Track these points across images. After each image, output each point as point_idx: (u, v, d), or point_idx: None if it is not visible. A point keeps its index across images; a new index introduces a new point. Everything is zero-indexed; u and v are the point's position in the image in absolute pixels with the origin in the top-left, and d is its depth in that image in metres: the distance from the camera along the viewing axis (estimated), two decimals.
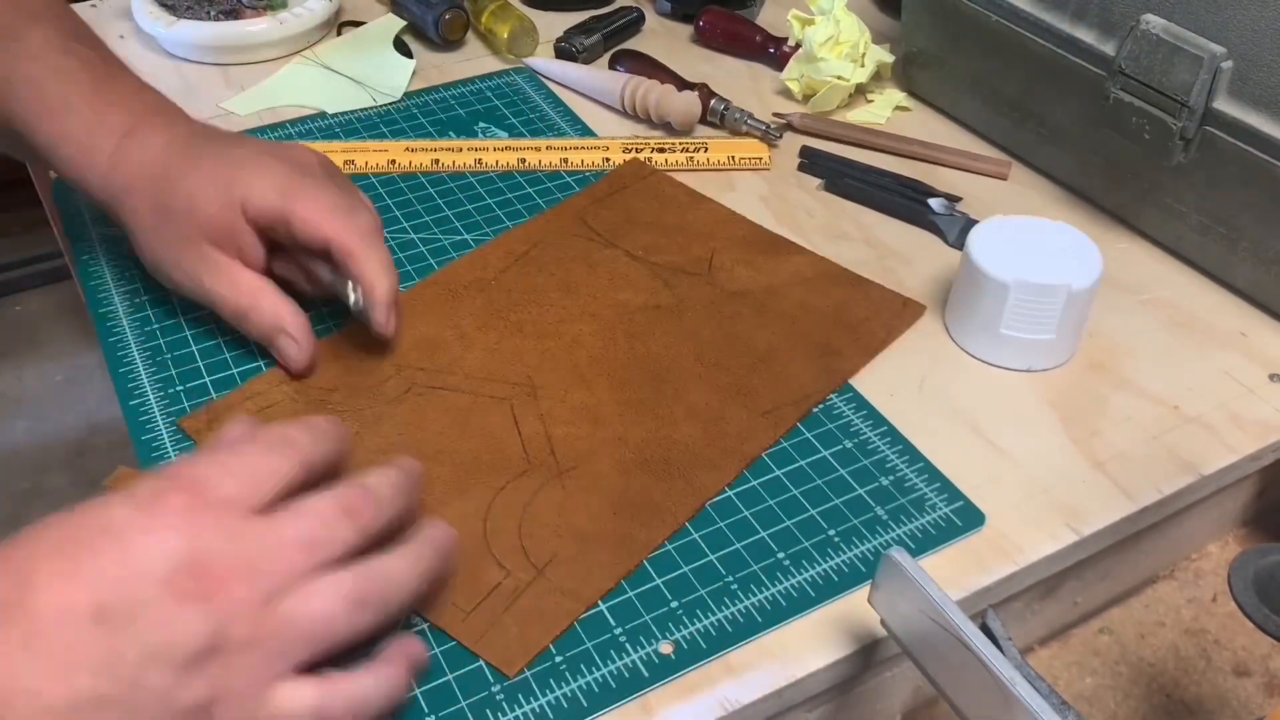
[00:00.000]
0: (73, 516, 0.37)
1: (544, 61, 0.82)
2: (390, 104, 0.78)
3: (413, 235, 0.66)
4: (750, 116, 0.75)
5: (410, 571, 0.40)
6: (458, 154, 0.71)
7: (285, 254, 0.57)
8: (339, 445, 0.42)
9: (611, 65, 0.82)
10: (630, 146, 0.73)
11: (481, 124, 0.76)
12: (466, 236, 0.66)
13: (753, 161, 0.73)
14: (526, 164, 0.71)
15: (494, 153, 0.72)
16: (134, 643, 0.34)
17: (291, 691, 0.37)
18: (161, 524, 0.36)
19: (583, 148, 0.72)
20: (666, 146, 0.73)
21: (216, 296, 0.55)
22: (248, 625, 0.36)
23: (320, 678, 0.38)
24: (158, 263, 0.57)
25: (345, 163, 0.70)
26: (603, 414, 0.53)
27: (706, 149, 0.73)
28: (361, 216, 0.54)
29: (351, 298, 0.54)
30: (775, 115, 0.77)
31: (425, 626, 0.45)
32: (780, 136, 0.74)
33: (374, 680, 0.39)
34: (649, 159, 0.72)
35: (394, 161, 0.71)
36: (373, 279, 0.53)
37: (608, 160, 0.72)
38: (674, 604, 0.46)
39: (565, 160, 0.72)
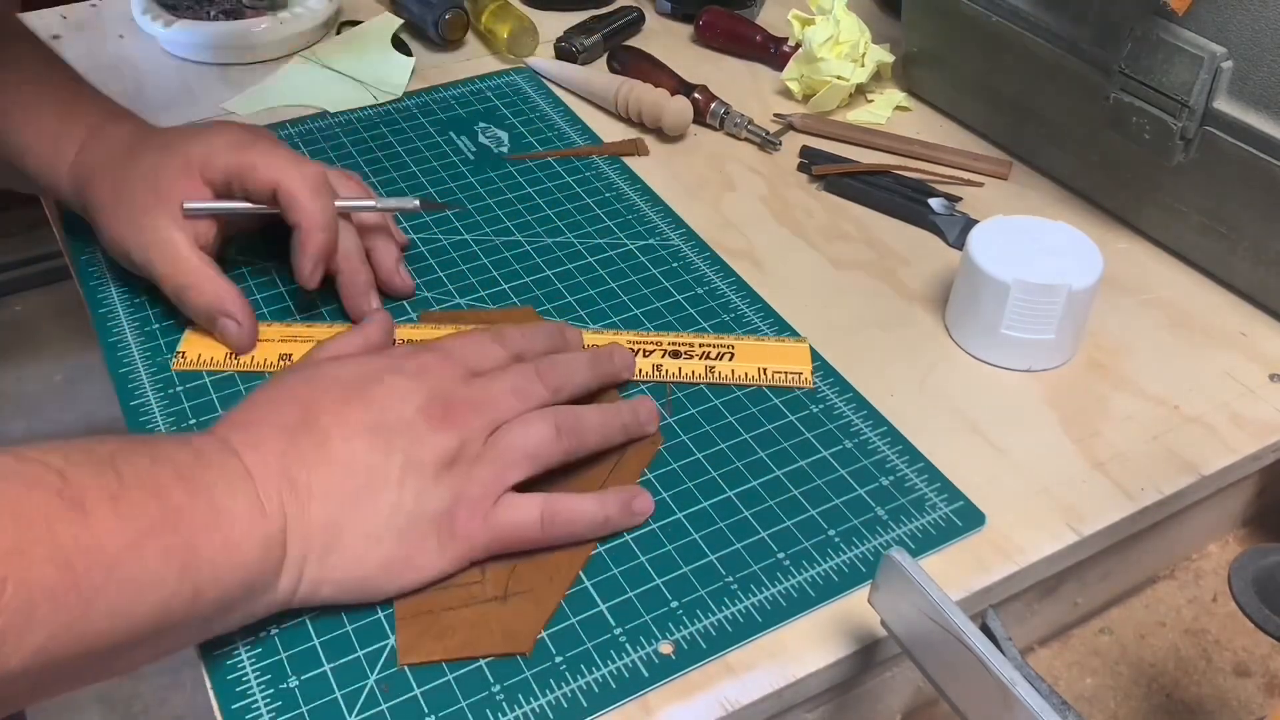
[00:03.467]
0: (341, 365, 0.48)
1: (544, 61, 0.82)
2: (390, 103, 0.78)
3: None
4: (750, 122, 0.75)
5: (598, 416, 0.51)
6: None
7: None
8: (546, 340, 0.54)
9: (610, 62, 0.82)
10: (637, 346, 0.58)
11: (481, 124, 0.76)
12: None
13: (791, 378, 0.56)
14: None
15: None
16: (399, 451, 0.45)
17: (519, 499, 0.47)
18: (414, 371, 0.48)
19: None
20: (683, 349, 0.57)
21: (158, 271, 0.57)
22: (479, 445, 0.47)
23: (543, 494, 0.47)
24: (114, 240, 0.58)
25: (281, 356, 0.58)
26: None
27: (733, 355, 0.57)
28: (309, 168, 0.57)
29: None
30: (776, 116, 0.77)
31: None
32: (779, 145, 0.74)
33: (591, 503, 0.48)
34: (658, 365, 0.57)
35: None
36: (309, 227, 0.56)
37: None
38: (674, 604, 0.46)
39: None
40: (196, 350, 0.57)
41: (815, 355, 0.58)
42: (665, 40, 0.87)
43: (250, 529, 0.41)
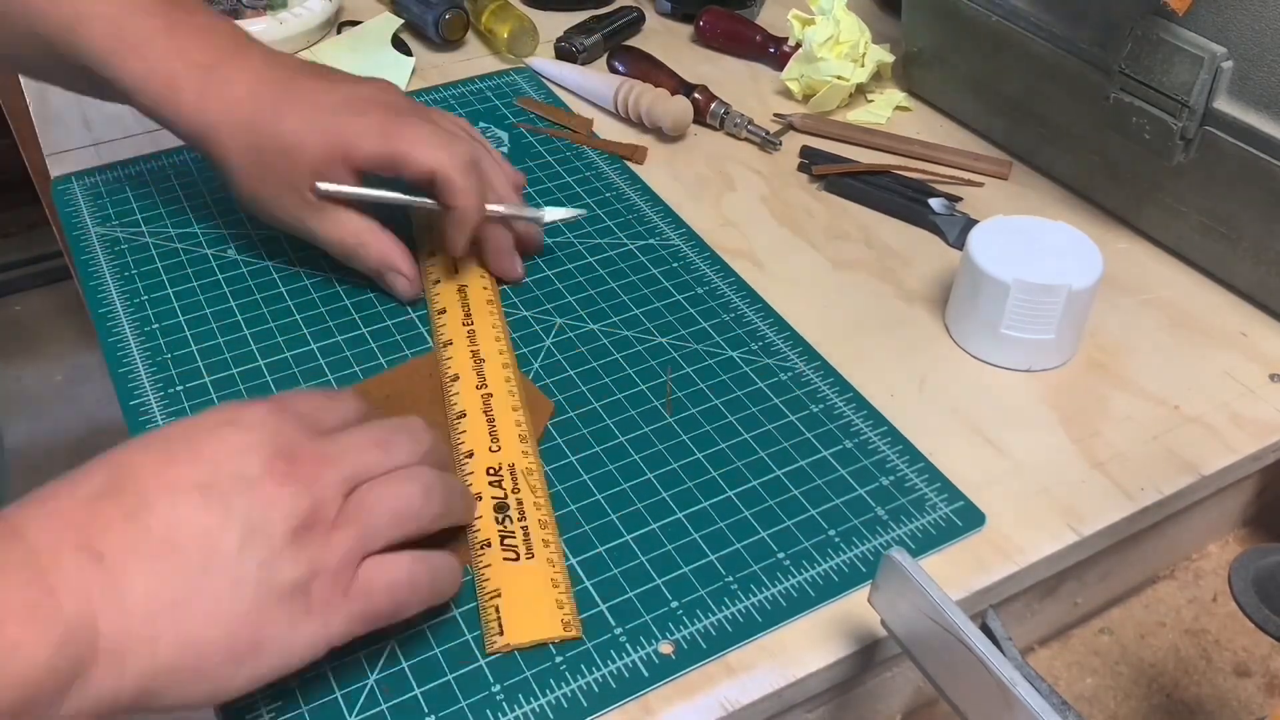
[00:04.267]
0: (164, 429, 0.40)
1: (544, 61, 0.82)
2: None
3: None
4: (750, 122, 0.75)
5: (457, 483, 0.46)
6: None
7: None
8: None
9: (609, 63, 0.82)
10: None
11: (481, 124, 0.76)
12: None
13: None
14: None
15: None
16: (236, 517, 0.37)
17: (384, 561, 0.41)
18: (252, 424, 0.40)
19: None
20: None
21: (324, 238, 0.58)
22: (336, 507, 0.40)
23: (409, 551, 0.42)
24: (257, 202, 0.58)
25: None
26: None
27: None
28: (460, 144, 0.57)
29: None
30: (776, 116, 0.77)
31: (425, 628, 0.45)
32: (779, 145, 0.74)
33: (451, 560, 0.44)
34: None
35: None
36: (465, 207, 0.57)
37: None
38: (674, 604, 0.46)
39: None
40: None
41: (815, 355, 0.58)
42: (665, 40, 0.87)
43: (32, 620, 0.33)
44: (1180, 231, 0.65)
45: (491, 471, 0.50)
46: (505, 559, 0.47)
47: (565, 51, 0.83)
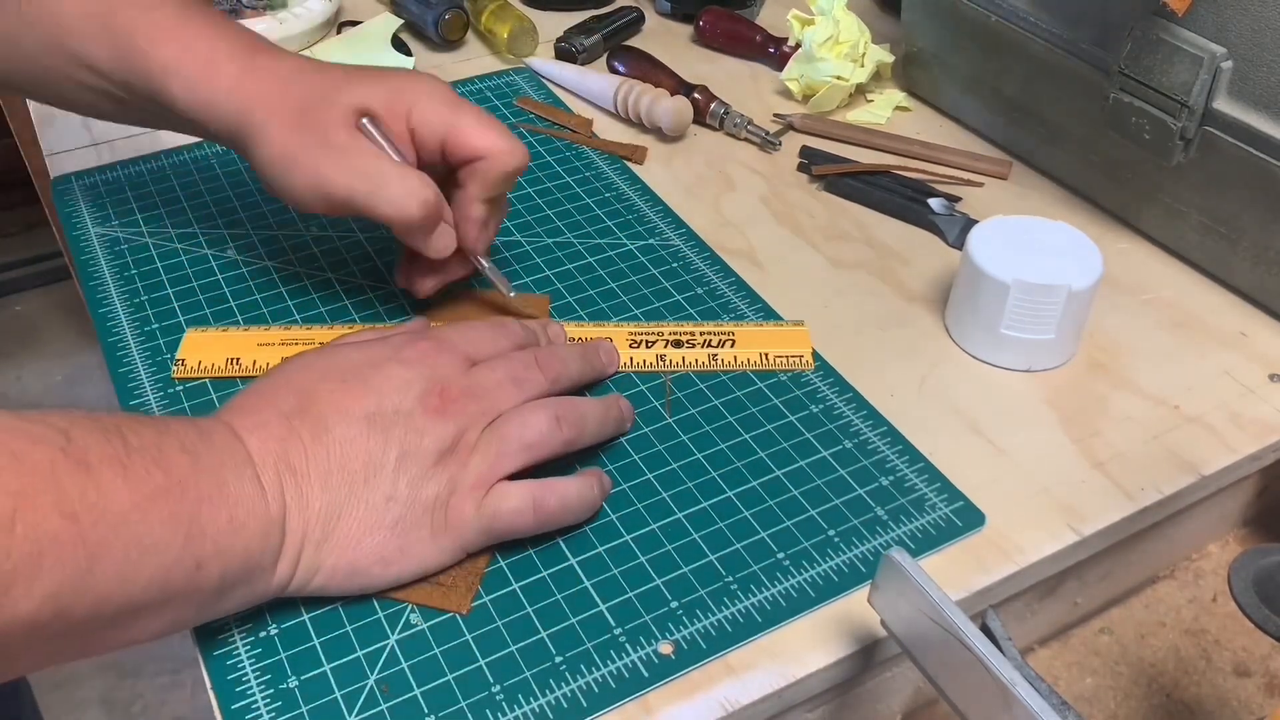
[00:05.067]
0: (341, 352, 0.48)
1: (544, 62, 0.82)
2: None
3: None
4: (750, 123, 0.75)
5: (595, 407, 0.51)
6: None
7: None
8: (541, 338, 0.55)
9: (609, 63, 0.82)
10: (639, 338, 0.58)
11: None
12: None
13: (792, 360, 0.58)
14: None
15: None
16: (395, 441, 0.45)
17: (511, 486, 0.47)
18: (414, 359, 0.47)
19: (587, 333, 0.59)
20: (684, 338, 0.58)
21: (382, 182, 0.53)
22: (477, 434, 0.47)
23: (533, 479, 0.47)
24: (299, 157, 0.53)
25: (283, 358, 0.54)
26: None
27: (733, 342, 0.58)
28: (516, 140, 0.57)
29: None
30: (776, 116, 0.77)
31: (425, 627, 0.45)
32: (779, 145, 0.74)
33: (576, 484, 0.48)
34: (662, 355, 0.57)
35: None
36: (500, 152, 0.55)
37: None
38: (674, 604, 0.46)
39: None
40: (196, 358, 0.56)
41: (815, 355, 0.58)
42: (665, 40, 0.87)
43: (252, 510, 0.42)
44: (1180, 231, 0.65)
45: None
46: None
47: (565, 51, 0.83)
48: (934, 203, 0.68)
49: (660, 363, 0.57)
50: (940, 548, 0.49)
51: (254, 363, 0.56)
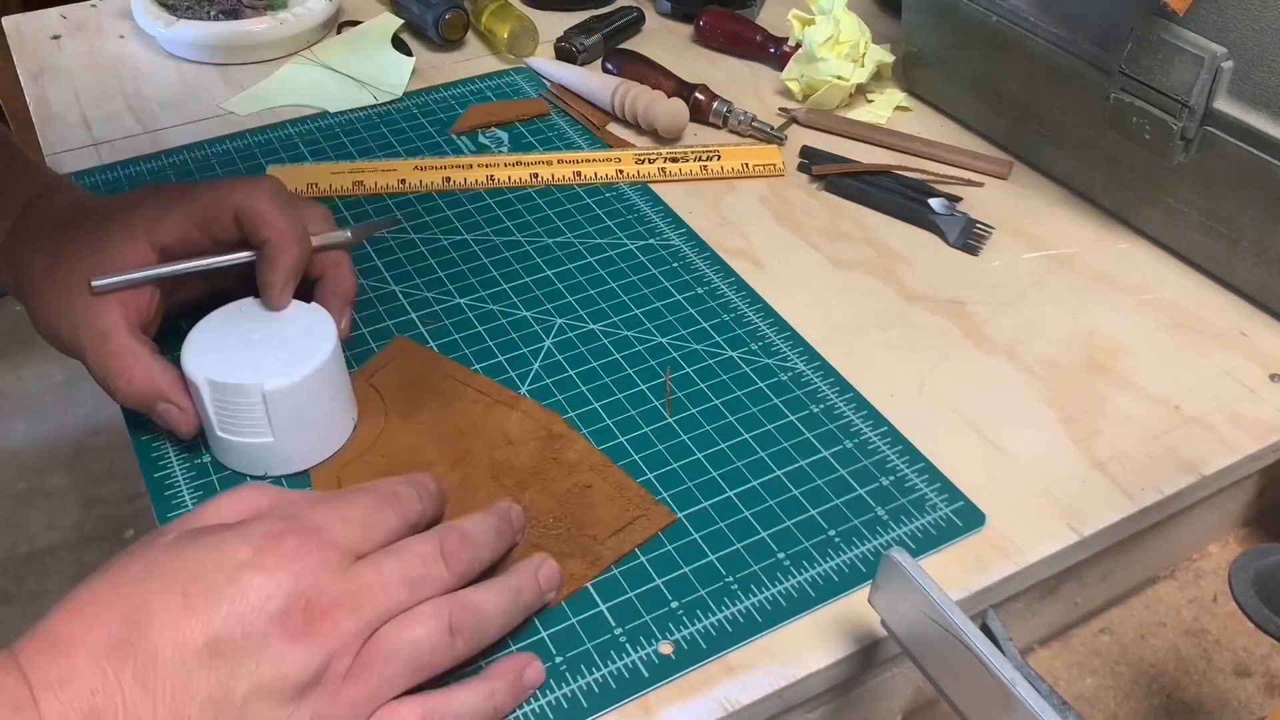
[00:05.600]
0: (188, 550, 0.38)
1: (544, 62, 0.82)
2: (391, 103, 0.78)
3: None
4: (754, 119, 0.75)
5: (502, 603, 0.43)
6: (468, 171, 0.71)
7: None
8: (440, 503, 0.46)
9: (604, 65, 0.82)
10: (643, 157, 0.72)
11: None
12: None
13: (766, 168, 0.72)
14: (539, 179, 0.71)
15: (505, 168, 0.71)
16: (245, 677, 0.36)
17: (392, 714, 0.39)
18: (276, 564, 0.38)
19: (595, 160, 0.72)
20: (679, 156, 0.72)
21: (89, 356, 0.51)
22: (351, 657, 0.38)
23: (421, 696, 0.40)
24: (44, 320, 0.53)
25: (354, 183, 0.69)
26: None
27: (720, 156, 0.72)
28: (268, 182, 0.52)
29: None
30: (781, 110, 0.77)
31: None
32: (785, 140, 0.74)
33: (473, 695, 0.41)
34: (662, 169, 0.71)
35: (404, 181, 0.70)
36: (281, 241, 0.51)
37: (621, 173, 0.71)
38: (674, 604, 0.46)
39: (578, 174, 0.71)
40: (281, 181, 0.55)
41: (815, 355, 0.58)
42: (665, 40, 0.87)
43: None
44: (1180, 231, 0.65)
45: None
46: None
47: (565, 52, 0.83)
48: (934, 203, 0.68)
49: (661, 174, 0.71)
50: (940, 548, 0.49)
51: (330, 185, 0.68)
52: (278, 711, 0.37)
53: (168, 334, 0.55)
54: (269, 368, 0.49)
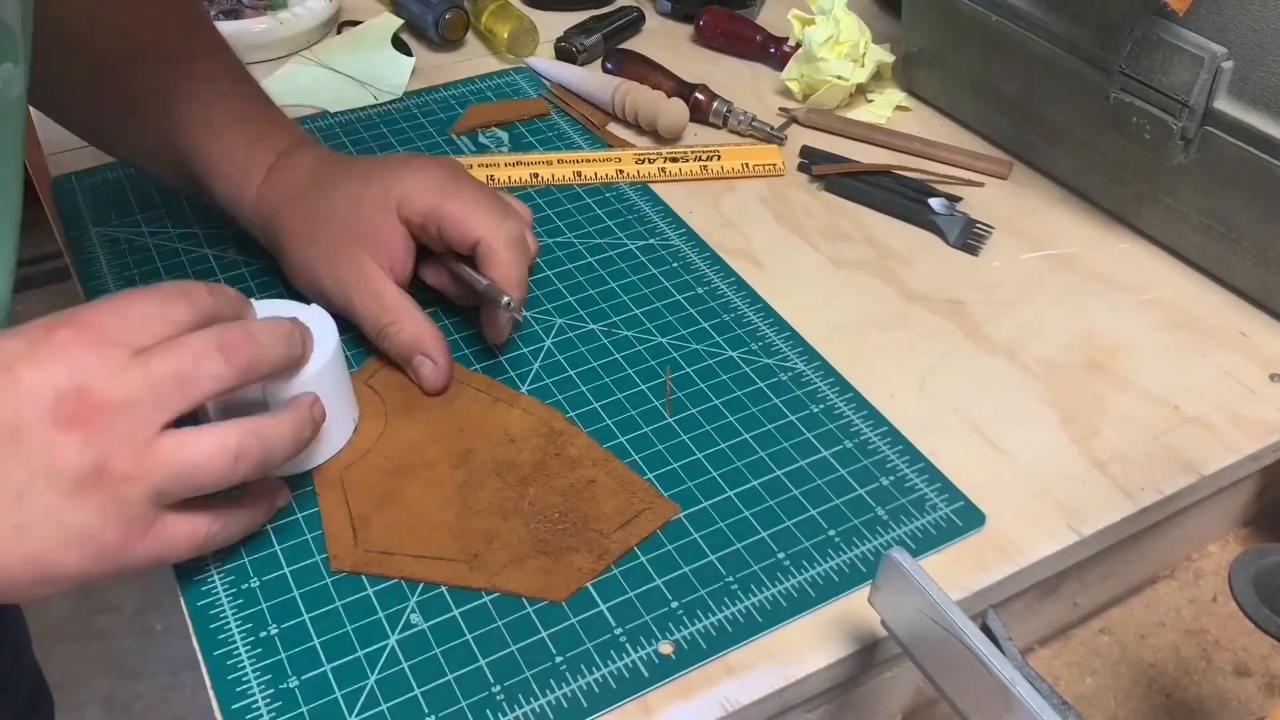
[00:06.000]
0: None
1: (544, 62, 0.82)
2: (391, 103, 0.78)
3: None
4: (754, 119, 0.75)
5: (288, 435, 0.44)
6: (468, 170, 0.70)
7: (437, 261, 0.58)
8: (240, 305, 0.46)
9: (604, 65, 0.82)
10: (643, 157, 0.72)
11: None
12: None
13: (766, 168, 0.72)
14: (539, 179, 0.70)
15: (505, 168, 0.71)
16: (20, 464, 0.37)
17: (185, 517, 0.42)
18: (48, 356, 0.38)
19: (595, 160, 0.72)
20: (679, 156, 0.72)
21: (360, 309, 0.55)
22: (129, 458, 0.39)
23: (205, 505, 0.43)
24: (309, 270, 0.56)
25: None
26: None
27: (719, 156, 0.72)
28: (511, 223, 0.55)
29: (503, 299, 0.53)
30: (781, 110, 0.77)
31: (425, 627, 0.45)
32: (785, 139, 0.74)
33: (252, 514, 0.46)
34: (662, 169, 0.71)
35: None
36: (506, 286, 0.53)
37: (621, 173, 0.71)
38: (674, 604, 0.46)
39: (579, 174, 0.71)
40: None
41: (815, 355, 0.58)
42: (665, 40, 0.87)
43: None
44: (1180, 231, 0.65)
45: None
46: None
47: (565, 52, 0.83)
48: (934, 203, 0.68)
49: (661, 174, 0.70)
50: (940, 548, 0.49)
51: None
52: (59, 500, 0.38)
53: None
54: None
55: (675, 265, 0.64)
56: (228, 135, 0.58)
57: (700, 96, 0.76)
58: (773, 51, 0.83)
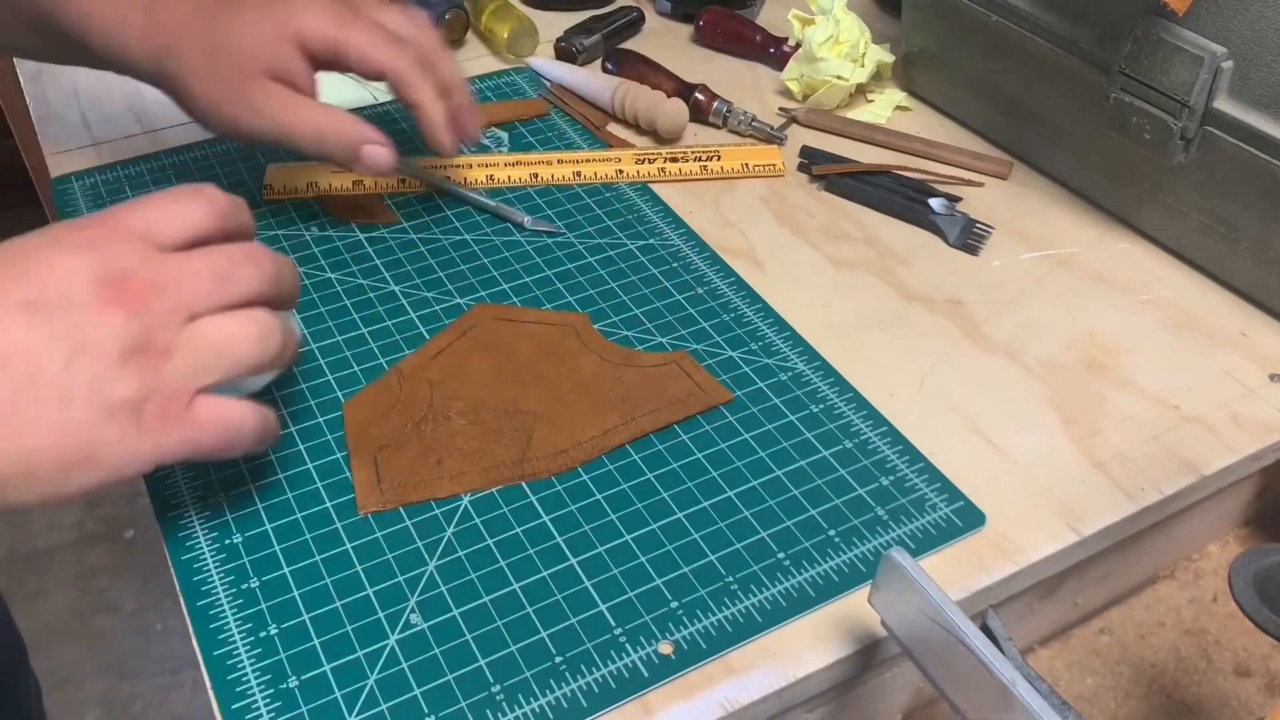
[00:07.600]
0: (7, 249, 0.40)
1: (544, 62, 0.82)
2: (391, 103, 0.78)
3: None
4: (754, 119, 0.75)
5: (297, 334, 0.46)
6: (468, 171, 0.71)
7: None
8: (249, 218, 0.47)
9: (604, 65, 0.82)
10: (643, 157, 0.72)
11: None
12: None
13: (766, 168, 0.72)
14: (539, 179, 0.70)
15: (505, 168, 0.71)
16: (65, 334, 0.38)
17: (220, 402, 0.42)
18: (80, 245, 0.40)
19: (595, 160, 0.72)
20: (679, 156, 0.72)
21: (293, 126, 0.56)
22: (170, 335, 0.40)
23: (242, 398, 0.43)
24: (219, 105, 0.56)
25: (354, 183, 0.65)
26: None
27: (719, 157, 0.72)
28: (413, 46, 0.56)
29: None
30: (780, 110, 0.77)
31: (425, 627, 0.45)
32: (785, 139, 0.74)
33: (268, 417, 0.45)
34: (662, 169, 0.71)
35: (404, 180, 0.69)
36: (427, 106, 0.56)
37: (621, 173, 0.71)
38: (674, 604, 0.46)
39: (578, 174, 0.71)
40: (281, 182, 0.67)
41: (815, 355, 0.58)
42: (665, 40, 0.87)
43: None
44: (1180, 231, 0.65)
45: None
46: None
47: (565, 52, 0.83)
48: (934, 203, 0.68)
49: (661, 174, 0.71)
50: (940, 548, 0.49)
51: (330, 185, 0.67)
52: (104, 371, 0.39)
53: None
54: None
55: (675, 265, 0.64)
56: None
57: (700, 96, 0.76)
58: (773, 51, 0.83)
